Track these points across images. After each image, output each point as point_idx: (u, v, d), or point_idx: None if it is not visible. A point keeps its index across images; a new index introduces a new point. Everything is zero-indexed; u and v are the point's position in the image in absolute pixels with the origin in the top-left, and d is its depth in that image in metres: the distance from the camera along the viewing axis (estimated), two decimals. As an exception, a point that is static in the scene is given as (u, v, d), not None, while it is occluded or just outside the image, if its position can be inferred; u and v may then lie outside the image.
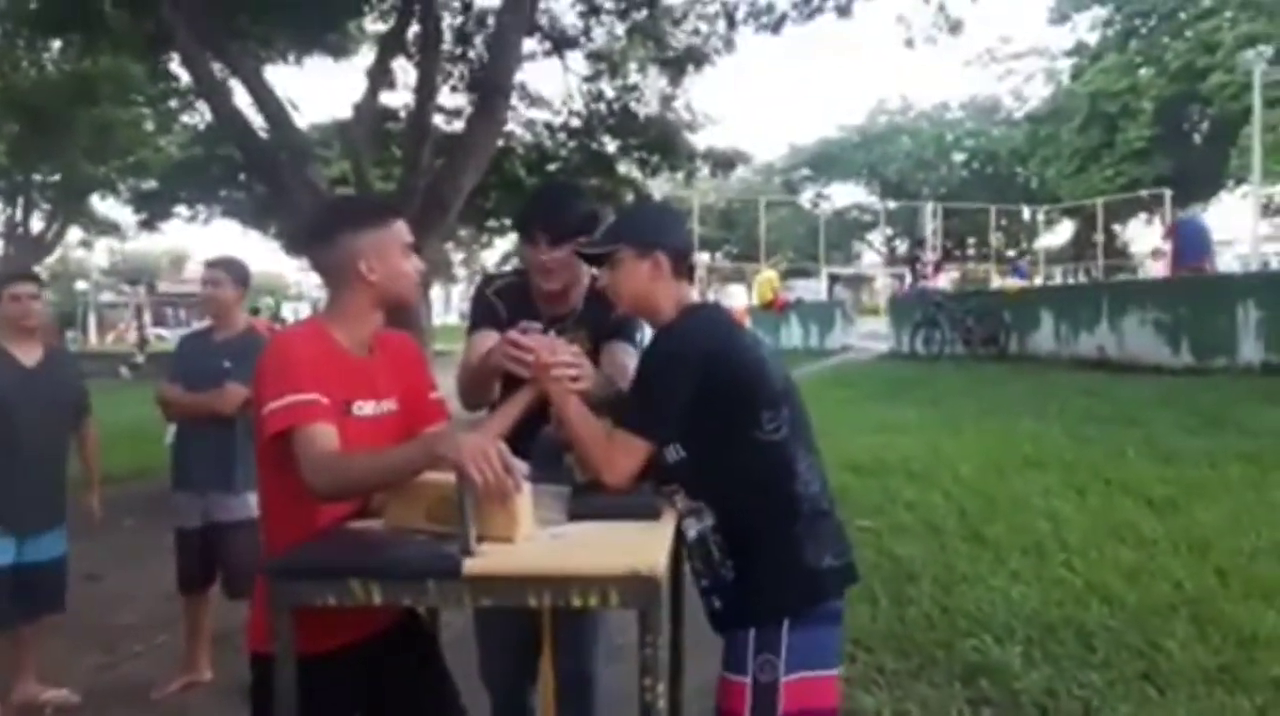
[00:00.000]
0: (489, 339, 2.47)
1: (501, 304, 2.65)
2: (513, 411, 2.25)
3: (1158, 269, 22.06)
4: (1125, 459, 6.95)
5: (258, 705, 2.02)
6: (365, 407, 2.08)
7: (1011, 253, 41.38)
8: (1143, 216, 36.68)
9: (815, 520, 2.08)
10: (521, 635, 2.55)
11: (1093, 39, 36.49)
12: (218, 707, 3.83)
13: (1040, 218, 36.98)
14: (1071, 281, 27.40)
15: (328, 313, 2.15)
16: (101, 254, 48.93)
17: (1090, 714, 3.30)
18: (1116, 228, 37.62)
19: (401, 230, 2.14)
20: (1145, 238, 37.23)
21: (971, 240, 43.41)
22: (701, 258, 37.27)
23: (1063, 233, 42.41)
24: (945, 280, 23.31)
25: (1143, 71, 33.21)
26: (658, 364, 2.13)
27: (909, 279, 22.83)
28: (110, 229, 33.66)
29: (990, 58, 40.66)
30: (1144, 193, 30.53)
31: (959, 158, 46.70)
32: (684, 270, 2.23)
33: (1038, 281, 28.49)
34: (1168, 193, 29.01)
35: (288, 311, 33.21)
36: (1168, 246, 14.48)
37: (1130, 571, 4.53)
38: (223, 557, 4.02)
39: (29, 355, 3.74)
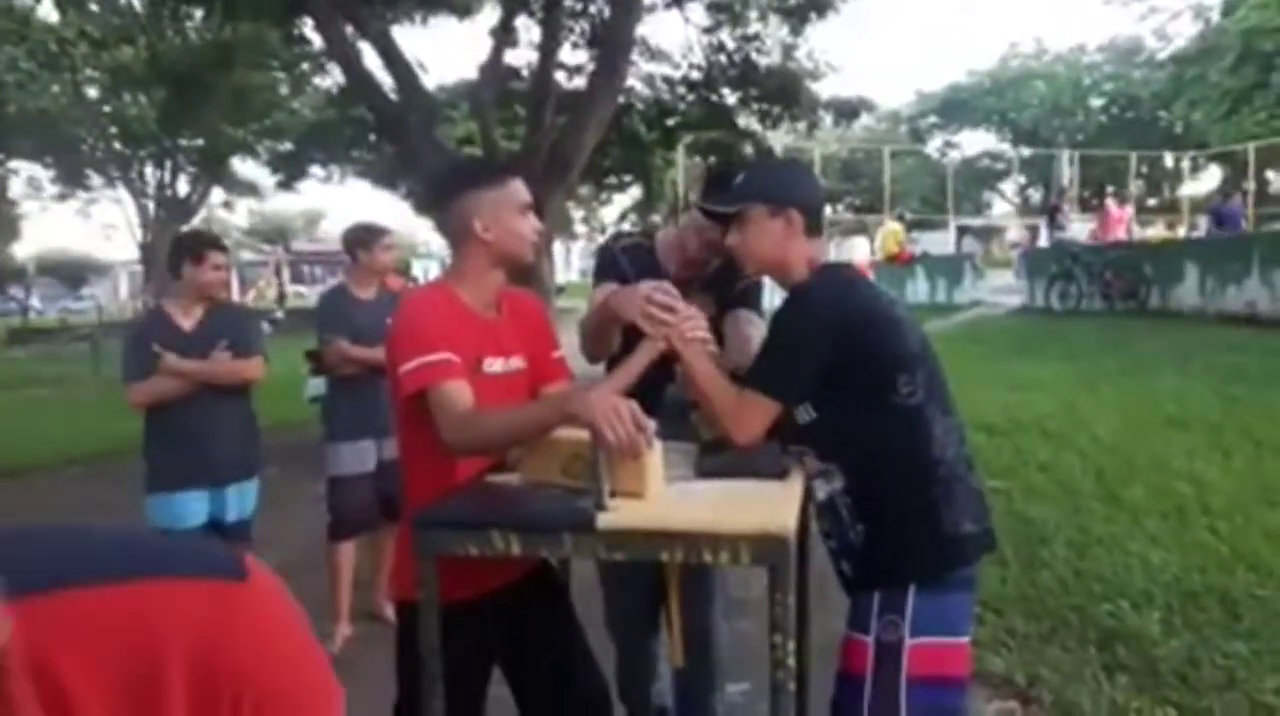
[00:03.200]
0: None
1: (628, 262, 2.67)
2: (635, 368, 2.26)
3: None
4: (1277, 419, 6.58)
5: (403, 647, 2.12)
6: (494, 365, 2.14)
7: (1153, 201, 39.29)
8: (1301, 161, 34.26)
9: (952, 485, 2.04)
10: (647, 587, 2.61)
11: (1248, -29, 34.04)
12: (366, 650, 4.02)
13: (1185, 164, 34.94)
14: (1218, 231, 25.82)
15: (452, 274, 2.21)
16: (241, 214, 51.11)
17: (1235, 684, 3.18)
18: (1270, 174, 35.23)
19: (517, 190, 2.17)
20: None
21: (1110, 189, 41.42)
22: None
23: (1209, 180, 39.98)
24: (1082, 231, 22.23)
25: (1306, 4, 30.80)
26: (791, 324, 2.09)
27: (1045, 230, 21.84)
28: (249, 190, 35.16)
29: (1132, -5, 38.37)
30: (1302, 136, 28.44)
31: (1097, 102, 44.36)
32: (816, 228, 2.18)
33: (1180, 232, 26.98)
34: (1330, 135, 26.99)
35: (418, 269, 34.10)
36: None
37: (1280, 537, 4.32)
38: (398, 487, 4.18)
39: (190, 318, 3.72)
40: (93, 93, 23.26)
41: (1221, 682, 3.20)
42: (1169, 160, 36.12)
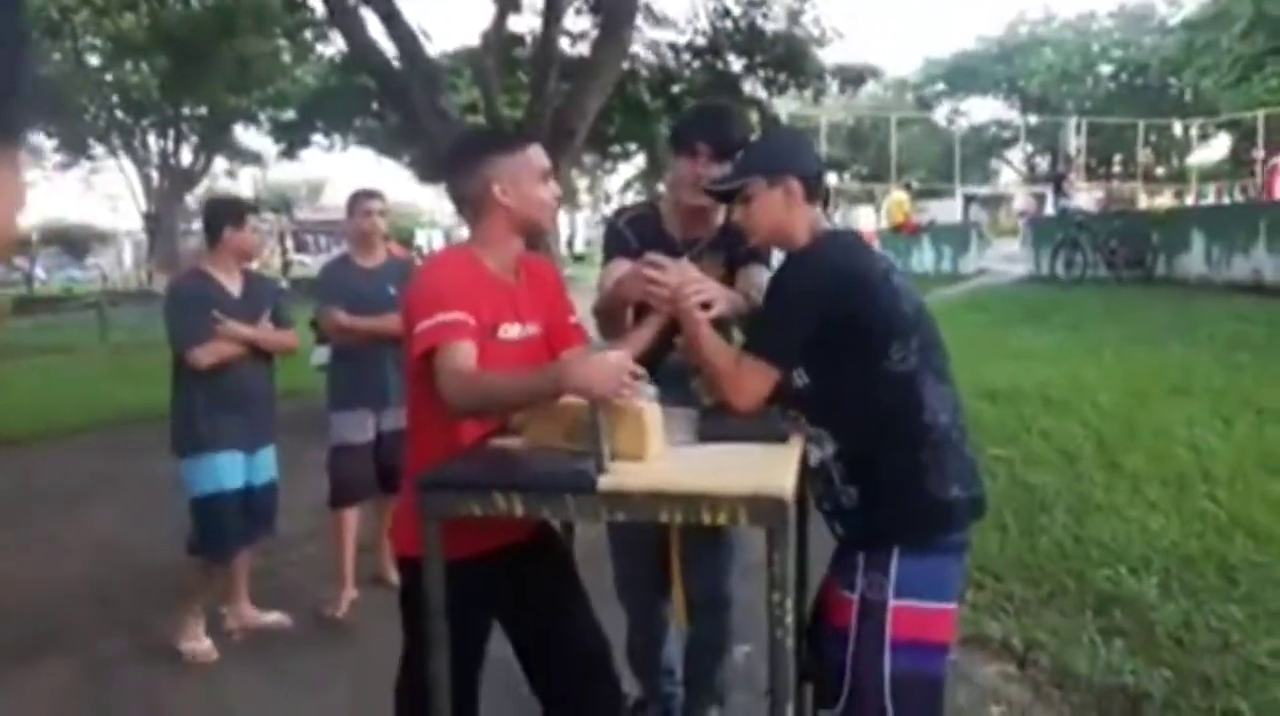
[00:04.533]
0: (622, 268, 2.51)
1: (632, 234, 2.68)
2: (645, 334, 2.30)
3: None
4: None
5: (407, 604, 2.16)
6: (511, 331, 2.16)
7: (1161, 170, 39.00)
8: (1311, 129, 33.92)
9: (941, 449, 2.06)
10: (656, 552, 2.64)
11: (1261, -66, 33.52)
12: (372, 613, 4.08)
13: (1194, 132, 34.64)
14: (1227, 200, 25.55)
15: (473, 239, 2.23)
16: (245, 183, 50.99)
17: (1229, 647, 3.22)
18: (1281, 141, 34.92)
19: (536, 156, 2.19)
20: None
21: (1118, 157, 41.11)
22: (828, 178, 36.32)
23: (1218, 148, 39.66)
24: (1089, 199, 22.14)
25: (1318, -31, 30.34)
26: (789, 289, 2.12)
27: (1051, 198, 21.72)
28: (252, 159, 35.10)
29: (1143, -40, 37.87)
30: (1313, 103, 28.14)
31: (1106, 69, 43.95)
32: (816, 194, 2.20)
33: (1188, 200, 26.82)
34: (1341, 102, 26.71)
35: (422, 238, 34.00)
36: None
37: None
38: (397, 460, 4.16)
39: (234, 283, 3.84)
40: (94, 60, 23.18)
41: (1217, 646, 3.24)
42: (1177, 128, 35.80)
